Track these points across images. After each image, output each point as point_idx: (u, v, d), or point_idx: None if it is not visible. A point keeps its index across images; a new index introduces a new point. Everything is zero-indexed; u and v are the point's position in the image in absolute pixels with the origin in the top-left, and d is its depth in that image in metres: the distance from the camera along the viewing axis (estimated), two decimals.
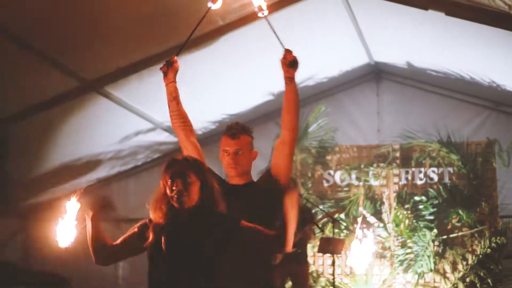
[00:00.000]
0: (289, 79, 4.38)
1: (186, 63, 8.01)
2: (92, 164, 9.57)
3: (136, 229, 3.72)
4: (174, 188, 3.56)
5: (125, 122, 8.97)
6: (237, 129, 4.29)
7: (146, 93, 8.47)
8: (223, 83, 8.92)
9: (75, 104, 8.09)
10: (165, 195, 3.62)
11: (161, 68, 4.66)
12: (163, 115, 9.17)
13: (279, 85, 9.67)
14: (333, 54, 9.27)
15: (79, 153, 9.24)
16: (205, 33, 7.55)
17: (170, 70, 4.66)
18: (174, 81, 4.69)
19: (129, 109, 8.63)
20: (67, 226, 3.92)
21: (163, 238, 3.56)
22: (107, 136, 9.18)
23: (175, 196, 3.55)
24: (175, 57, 4.72)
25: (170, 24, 7.27)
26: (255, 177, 4.40)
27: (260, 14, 4.60)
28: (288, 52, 4.44)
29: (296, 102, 4.35)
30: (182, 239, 3.55)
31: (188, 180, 3.58)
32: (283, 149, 4.27)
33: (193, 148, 4.30)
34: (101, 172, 10.06)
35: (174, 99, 4.63)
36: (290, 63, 4.35)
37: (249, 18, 7.52)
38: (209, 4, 4.82)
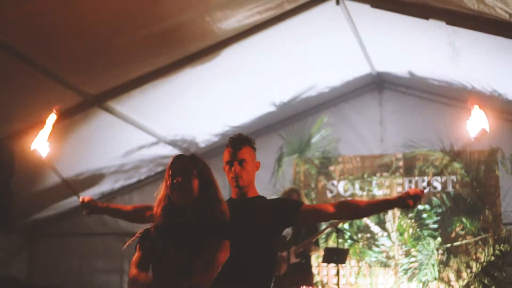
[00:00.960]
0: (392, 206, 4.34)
1: (189, 78, 8.12)
2: (95, 178, 9.60)
3: (139, 235, 3.71)
4: (174, 182, 3.54)
5: (128, 136, 9.01)
6: (239, 141, 4.32)
7: (149, 107, 8.52)
8: (225, 95, 8.96)
9: (79, 119, 8.14)
10: (166, 193, 3.60)
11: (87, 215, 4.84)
12: (166, 129, 9.24)
13: (281, 95, 9.81)
14: (335, 65, 9.30)
15: (82, 167, 9.27)
16: (206, 47, 7.62)
17: (91, 208, 4.81)
18: (103, 205, 4.88)
19: (132, 123, 8.68)
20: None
21: (159, 237, 3.55)
22: (111, 150, 9.21)
23: (175, 190, 3.54)
24: (82, 199, 4.83)
25: (171, 40, 7.34)
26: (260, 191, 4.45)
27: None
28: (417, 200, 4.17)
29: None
30: (178, 237, 3.52)
31: (189, 176, 3.57)
32: (326, 216, 4.39)
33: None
34: (105, 186, 10.09)
35: (118, 214, 4.85)
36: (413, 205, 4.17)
37: (249, 32, 7.61)
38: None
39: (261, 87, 9.11)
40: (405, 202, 4.07)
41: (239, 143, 4.30)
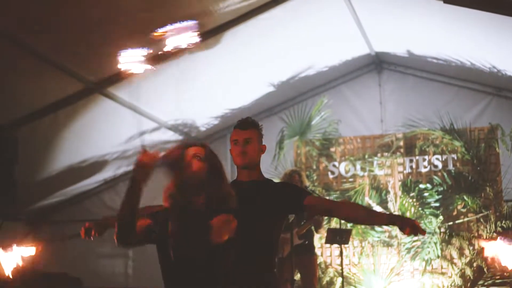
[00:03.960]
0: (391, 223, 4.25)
1: (188, 62, 8.13)
2: (98, 165, 9.62)
3: (149, 220, 3.73)
4: (187, 167, 3.60)
5: (130, 122, 9.02)
6: (247, 122, 4.41)
7: (149, 93, 8.53)
8: (225, 78, 8.97)
9: (80, 106, 8.16)
10: (176, 182, 3.63)
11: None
12: (167, 114, 9.25)
13: (279, 75, 9.81)
14: (333, 45, 9.31)
15: (85, 154, 9.29)
16: (206, 31, 7.64)
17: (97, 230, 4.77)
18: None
19: (133, 109, 8.69)
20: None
21: (169, 224, 3.58)
22: (113, 136, 9.22)
23: (185, 176, 3.59)
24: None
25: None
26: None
27: None
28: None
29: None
30: (188, 224, 3.56)
31: (199, 163, 3.61)
32: (328, 214, 4.77)
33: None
34: (108, 173, 10.10)
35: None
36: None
37: (248, 15, 7.64)
38: None
39: (260, 68, 9.11)
40: (404, 228, 3.92)
41: (246, 124, 4.40)
